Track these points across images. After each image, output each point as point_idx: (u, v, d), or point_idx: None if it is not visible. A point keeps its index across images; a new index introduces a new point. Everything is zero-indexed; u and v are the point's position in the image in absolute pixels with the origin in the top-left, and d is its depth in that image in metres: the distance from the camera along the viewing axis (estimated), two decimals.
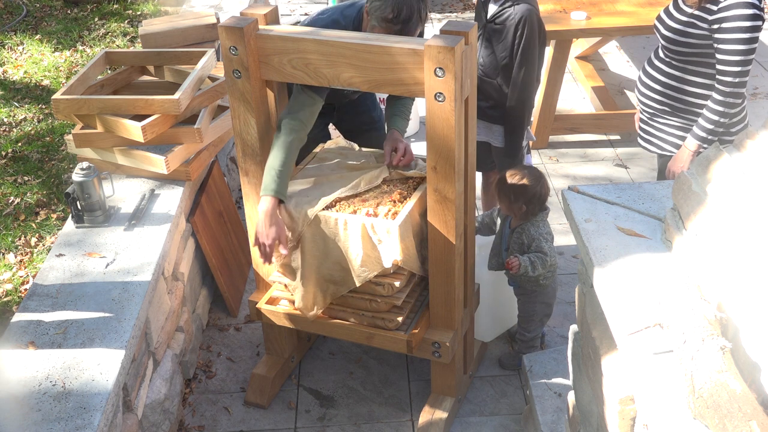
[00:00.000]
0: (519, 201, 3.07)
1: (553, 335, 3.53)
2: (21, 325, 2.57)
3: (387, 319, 2.84)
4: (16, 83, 5.52)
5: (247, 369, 3.42)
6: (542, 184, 3.10)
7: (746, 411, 1.32)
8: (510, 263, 3.04)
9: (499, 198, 3.14)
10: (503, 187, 3.10)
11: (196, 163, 3.37)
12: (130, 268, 2.83)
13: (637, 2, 4.88)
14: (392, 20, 2.71)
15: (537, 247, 3.07)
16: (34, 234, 3.92)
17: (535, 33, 3.35)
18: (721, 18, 2.91)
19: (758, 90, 5.62)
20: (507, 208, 3.13)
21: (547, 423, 2.84)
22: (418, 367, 3.40)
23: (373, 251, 2.67)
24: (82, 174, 3.02)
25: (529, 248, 3.09)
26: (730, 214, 1.60)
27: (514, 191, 3.06)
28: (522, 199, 3.06)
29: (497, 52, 3.41)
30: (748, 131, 1.73)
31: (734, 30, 2.89)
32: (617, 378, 1.86)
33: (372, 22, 2.77)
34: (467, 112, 2.62)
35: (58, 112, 3.31)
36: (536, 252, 3.07)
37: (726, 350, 1.40)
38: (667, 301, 1.67)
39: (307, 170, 2.98)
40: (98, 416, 2.21)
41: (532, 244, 3.08)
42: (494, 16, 3.39)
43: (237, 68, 2.66)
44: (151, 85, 3.70)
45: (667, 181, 2.23)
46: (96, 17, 6.55)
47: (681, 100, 3.14)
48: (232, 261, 3.79)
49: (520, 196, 3.06)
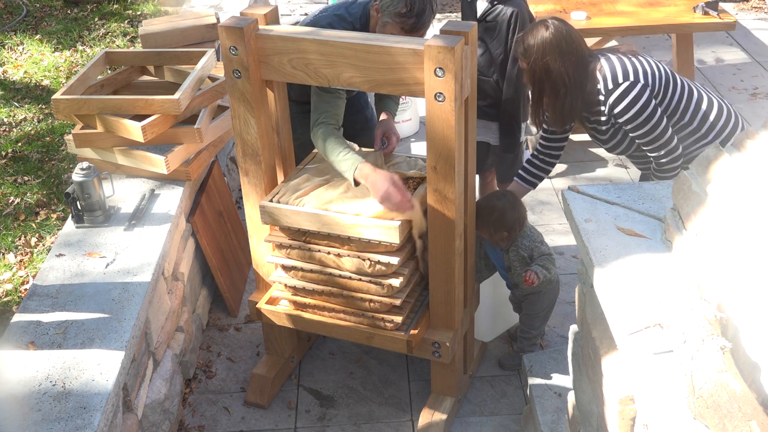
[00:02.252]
0: (500, 231, 3.05)
1: (553, 335, 3.53)
2: (21, 325, 2.57)
3: (387, 319, 2.84)
4: (16, 83, 5.52)
5: (247, 369, 3.42)
6: (518, 209, 3.06)
7: (746, 411, 1.32)
8: (529, 279, 3.00)
9: (481, 231, 3.08)
10: (481, 222, 3.03)
11: (196, 163, 3.37)
12: (130, 268, 2.83)
13: (637, 2, 4.88)
14: (406, 14, 2.70)
15: (539, 253, 3.08)
16: (34, 234, 3.92)
17: (526, 26, 3.37)
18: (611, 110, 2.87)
19: (758, 90, 5.62)
20: (490, 239, 3.11)
21: (547, 423, 2.84)
22: (418, 367, 3.40)
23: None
24: (82, 174, 3.02)
25: (531, 258, 3.09)
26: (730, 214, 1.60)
27: (493, 224, 3.03)
28: (502, 228, 3.04)
29: (492, 49, 3.42)
30: (748, 131, 1.73)
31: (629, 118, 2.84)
32: (617, 378, 1.86)
33: (384, 18, 2.76)
34: (467, 112, 2.62)
35: (58, 112, 3.31)
36: (540, 256, 3.07)
37: (726, 350, 1.40)
38: (667, 301, 1.67)
39: (307, 170, 2.98)
40: (98, 416, 2.21)
41: (533, 253, 3.08)
42: (485, 14, 3.40)
43: (237, 68, 2.66)
44: (151, 85, 3.70)
45: (667, 181, 2.23)
46: (96, 17, 6.54)
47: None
48: (232, 261, 3.79)
49: (500, 227, 3.04)
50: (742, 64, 6.06)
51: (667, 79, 2.87)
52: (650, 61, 2.90)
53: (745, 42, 6.42)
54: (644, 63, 2.87)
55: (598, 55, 2.90)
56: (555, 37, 2.83)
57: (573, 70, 2.83)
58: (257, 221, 2.94)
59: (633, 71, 2.83)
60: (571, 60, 2.83)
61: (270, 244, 2.92)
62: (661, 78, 2.86)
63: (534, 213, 4.36)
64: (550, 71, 2.86)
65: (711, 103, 2.95)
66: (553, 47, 2.82)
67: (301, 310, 3.01)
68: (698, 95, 2.94)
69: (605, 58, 2.88)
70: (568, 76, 2.84)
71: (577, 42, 2.86)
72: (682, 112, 2.90)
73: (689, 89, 2.94)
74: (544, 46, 2.83)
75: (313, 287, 2.90)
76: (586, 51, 2.89)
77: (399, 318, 2.83)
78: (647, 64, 2.88)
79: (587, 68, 2.86)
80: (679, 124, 2.92)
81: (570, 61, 2.83)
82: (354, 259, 2.75)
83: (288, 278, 2.95)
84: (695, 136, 2.93)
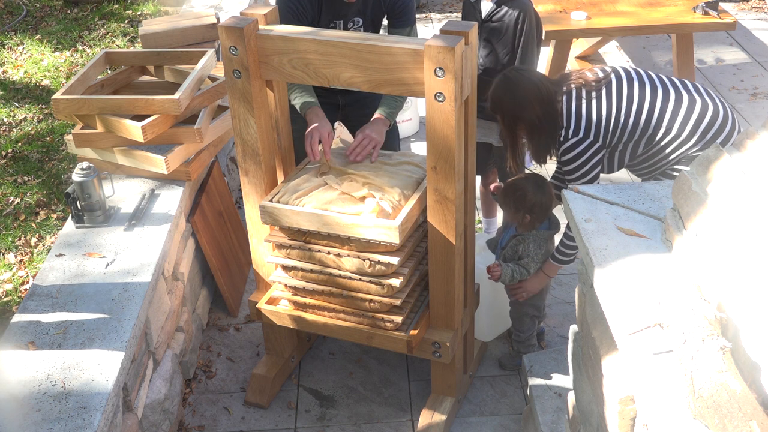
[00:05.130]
0: (521, 211, 3.07)
1: (553, 335, 3.53)
2: (21, 325, 2.57)
3: (387, 319, 2.84)
4: (16, 83, 5.52)
5: (247, 369, 3.42)
6: (544, 193, 3.07)
7: (746, 411, 1.32)
8: (492, 270, 3.10)
9: (503, 207, 3.15)
10: (506, 198, 3.10)
11: (196, 163, 3.37)
12: (130, 268, 2.82)
13: (637, 2, 4.88)
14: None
15: (525, 264, 3.10)
16: (34, 234, 3.92)
17: (533, 27, 3.37)
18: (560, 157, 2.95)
19: (758, 90, 5.62)
20: (512, 217, 3.15)
21: (547, 423, 2.84)
22: (418, 367, 3.40)
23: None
24: (82, 174, 3.02)
25: (519, 259, 3.11)
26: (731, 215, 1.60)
27: (515, 201, 3.07)
28: (523, 209, 3.06)
29: (498, 50, 3.41)
30: (748, 131, 1.73)
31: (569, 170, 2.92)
32: (617, 378, 1.85)
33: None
34: (467, 112, 2.62)
35: (58, 112, 3.31)
36: (522, 267, 3.09)
37: (726, 350, 1.40)
38: (667, 301, 1.67)
39: (307, 170, 2.98)
40: (98, 416, 2.21)
41: (524, 259, 3.09)
42: (491, 15, 3.39)
43: (237, 68, 2.66)
44: (151, 85, 3.70)
45: (667, 181, 2.23)
46: (96, 17, 6.55)
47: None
48: (232, 261, 3.79)
49: (521, 207, 3.06)
50: (742, 64, 6.06)
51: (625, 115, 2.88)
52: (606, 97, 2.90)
53: (745, 42, 6.42)
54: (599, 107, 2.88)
55: (556, 90, 2.92)
56: (519, 85, 2.91)
57: (541, 112, 2.90)
58: (257, 221, 2.94)
59: (585, 125, 2.87)
60: (537, 104, 2.90)
61: (270, 244, 2.92)
62: (615, 120, 2.88)
63: None
64: (519, 118, 2.94)
65: (692, 104, 2.89)
66: (519, 96, 2.90)
67: (301, 310, 3.01)
68: (675, 100, 2.90)
69: (565, 97, 2.90)
70: (538, 118, 2.91)
71: (538, 86, 2.91)
72: (654, 127, 2.89)
73: (663, 97, 2.90)
74: (511, 95, 2.92)
75: (313, 287, 2.90)
76: (551, 90, 2.93)
77: (399, 318, 2.83)
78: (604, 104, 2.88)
79: (555, 106, 2.92)
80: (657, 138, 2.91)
81: (536, 105, 2.90)
82: (354, 259, 2.75)
83: (288, 278, 2.95)
84: (677, 141, 2.91)
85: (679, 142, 2.89)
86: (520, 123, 2.95)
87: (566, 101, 2.90)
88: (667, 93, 2.91)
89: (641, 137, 2.91)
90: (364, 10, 3.16)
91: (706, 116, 2.88)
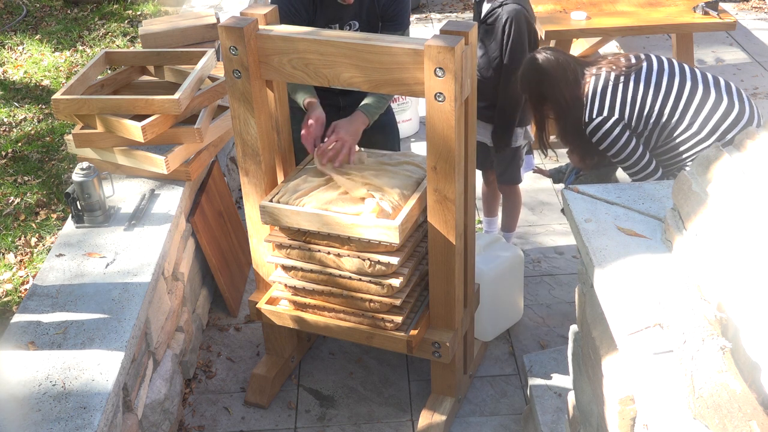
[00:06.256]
0: (590, 157, 3.07)
1: (553, 335, 3.54)
2: (21, 325, 2.57)
3: (387, 319, 2.84)
4: (16, 83, 5.52)
5: (247, 369, 3.42)
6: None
7: (746, 411, 1.32)
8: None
9: (570, 151, 3.14)
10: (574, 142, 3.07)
11: (196, 163, 3.37)
12: (130, 268, 2.83)
13: (637, 2, 4.87)
14: None
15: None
16: (34, 234, 3.92)
17: (523, 33, 3.34)
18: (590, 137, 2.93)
19: (758, 90, 5.62)
20: (579, 162, 3.17)
21: (547, 423, 2.84)
22: (418, 367, 3.40)
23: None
24: (82, 174, 3.02)
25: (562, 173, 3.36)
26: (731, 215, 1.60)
27: (582, 148, 3.05)
28: (592, 153, 3.04)
29: (489, 51, 3.42)
30: (749, 131, 1.73)
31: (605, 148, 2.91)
32: (617, 378, 1.86)
33: None
34: (467, 112, 2.62)
35: (58, 112, 3.31)
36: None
37: (726, 350, 1.40)
38: (667, 301, 1.67)
39: (307, 170, 2.98)
40: (98, 416, 2.21)
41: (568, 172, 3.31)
42: (486, 16, 3.40)
43: (237, 68, 2.66)
44: (151, 85, 3.70)
45: (667, 181, 2.23)
46: (96, 17, 6.55)
47: None
48: (232, 261, 3.79)
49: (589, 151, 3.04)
50: (742, 64, 6.06)
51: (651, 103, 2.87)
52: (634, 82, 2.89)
53: (745, 42, 6.42)
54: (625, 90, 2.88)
55: (585, 72, 2.92)
56: (546, 66, 2.93)
57: (568, 93, 2.91)
58: (257, 221, 2.95)
59: (609, 104, 2.86)
60: (563, 85, 2.91)
61: (270, 244, 2.92)
62: (641, 106, 2.87)
63: (534, 213, 4.37)
64: (546, 98, 2.96)
65: (718, 103, 2.88)
66: (546, 76, 2.92)
67: (301, 310, 3.01)
68: (701, 95, 2.89)
69: (594, 78, 2.90)
70: (564, 99, 2.92)
71: (565, 68, 2.92)
72: (677, 120, 2.88)
73: (690, 91, 2.90)
74: (538, 76, 2.94)
75: (313, 287, 2.90)
76: (578, 71, 2.93)
77: (399, 318, 2.83)
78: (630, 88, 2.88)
79: (581, 87, 2.93)
80: (677, 132, 2.90)
81: (562, 86, 2.91)
82: (354, 259, 2.75)
83: (288, 278, 2.95)
84: (696, 138, 2.90)
85: (697, 140, 2.88)
86: (547, 103, 2.97)
87: (594, 81, 2.90)
88: (696, 87, 2.89)
89: (663, 128, 2.89)
90: (359, 13, 3.14)
91: (729, 117, 2.85)
